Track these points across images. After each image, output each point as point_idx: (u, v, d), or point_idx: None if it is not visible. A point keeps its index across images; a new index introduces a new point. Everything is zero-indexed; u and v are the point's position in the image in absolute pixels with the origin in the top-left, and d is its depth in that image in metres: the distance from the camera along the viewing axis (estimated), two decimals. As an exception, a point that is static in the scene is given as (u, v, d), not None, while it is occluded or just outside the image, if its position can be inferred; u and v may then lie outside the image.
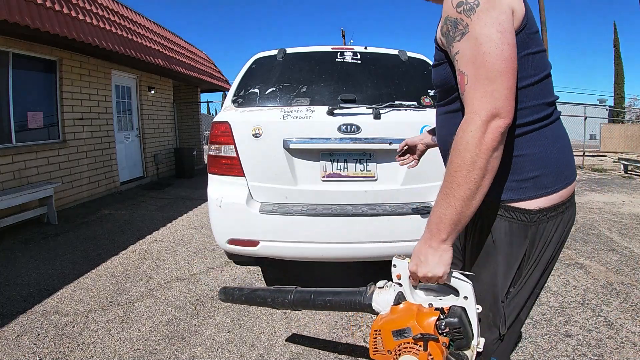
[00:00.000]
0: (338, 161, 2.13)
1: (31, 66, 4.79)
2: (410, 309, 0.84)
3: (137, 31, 6.61)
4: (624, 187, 6.82)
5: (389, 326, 0.84)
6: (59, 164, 5.05)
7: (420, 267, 0.83)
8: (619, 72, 22.43)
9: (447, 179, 0.80)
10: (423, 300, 0.87)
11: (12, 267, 3.03)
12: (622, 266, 2.97)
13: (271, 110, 2.17)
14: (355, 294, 0.99)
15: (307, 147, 2.09)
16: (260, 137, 2.08)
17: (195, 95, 10.34)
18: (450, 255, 0.83)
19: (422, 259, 0.83)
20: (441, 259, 0.82)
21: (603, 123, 13.93)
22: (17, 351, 1.91)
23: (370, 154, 2.13)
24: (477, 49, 0.78)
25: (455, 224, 0.80)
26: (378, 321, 0.88)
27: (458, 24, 0.81)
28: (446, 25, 0.84)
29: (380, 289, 0.93)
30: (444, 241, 0.82)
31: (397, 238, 2.05)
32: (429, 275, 0.82)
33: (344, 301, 1.01)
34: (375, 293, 0.93)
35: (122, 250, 3.45)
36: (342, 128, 2.06)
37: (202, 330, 2.12)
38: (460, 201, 0.78)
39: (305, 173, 2.13)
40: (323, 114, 2.10)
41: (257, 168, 2.11)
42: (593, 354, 1.85)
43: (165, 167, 8.19)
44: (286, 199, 2.13)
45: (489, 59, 0.77)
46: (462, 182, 0.77)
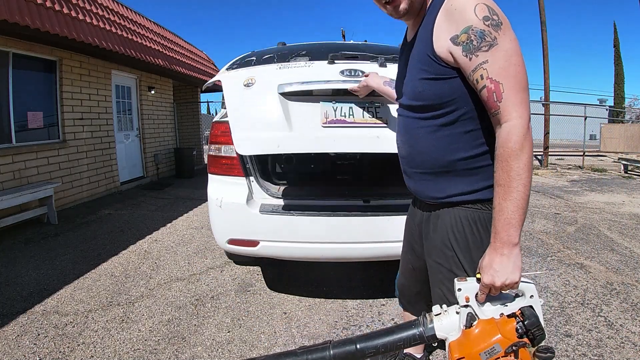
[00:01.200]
0: (342, 109, 1.85)
1: (31, 66, 4.79)
2: (490, 325, 0.83)
3: (137, 31, 6.61)
4: (624, 187, 6.82)
5: (473, 349, 0.82)
6: (59, 164, 5.05)
7: (497, 277, 0.85)
8: (619, 72, 22.42)
9: (510, 183, 0.85)
10: (493, 312, 0.86)
11: (12, 267, 3.03)
12: (622, 266, 2.97)
13: (266, 65, 2.05)
14: (411, 328, 0.90)
15: (305, 89, 1.84)
16: (252, 86, 1.85)
17: (195, 95, 10.33)
18: (521, 257, 0.88)
19: (497, 269, 0.86)
20: (515, 263, 0.86)
21: (603, 123, 13.94)
22: (17, 351, 1.91)
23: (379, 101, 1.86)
24: (509, 60, 0.86)
25: (522, 223, 0.86)
26: (456, 350, 0.84)
27: (486, 36, 0.87)
28: (468, 35, 0.88)
29: (439, 316, 0.90)
30: (515, 245, 0.86)
31: (397, 238, 2.05)
32: (507, 282, 0.85)
33: (401, 340, 0.90)
34: (435, 321, 0.89)
35: (122, 250, 3.45)
36: (346, 72, 1.86)
37: (202, 330, 2.12)
38: (525, 201, 0.85)
39: (303, 119, 1.83)
40: (323, 64, 1.94)
41: (246, 116, 1.84)
42: (593, 354, 1.84)
43: (165, 167, 8.19)
44: (278, 148, 1.77)
45: (520, 70, 0.87)
46: (526, 183, 0.85)
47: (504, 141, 0.86)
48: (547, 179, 7.91)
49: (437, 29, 0.94)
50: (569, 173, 8.93)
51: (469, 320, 0.85)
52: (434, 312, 0.91)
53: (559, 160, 11.64)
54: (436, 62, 0.95)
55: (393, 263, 2.92)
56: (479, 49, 0.87)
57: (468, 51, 0.88)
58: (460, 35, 0.89)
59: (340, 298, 2.46)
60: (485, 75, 0.87)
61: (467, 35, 0.88)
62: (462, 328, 0.85)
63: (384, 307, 2.34)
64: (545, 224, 4.26)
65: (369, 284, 2.66)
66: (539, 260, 3.13)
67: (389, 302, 2.40)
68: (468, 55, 0.88)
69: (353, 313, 2.28)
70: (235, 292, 2.59)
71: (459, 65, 0.91)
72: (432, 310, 0.92)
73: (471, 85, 0.92)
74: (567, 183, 7.38)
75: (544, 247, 3.47)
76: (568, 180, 7.71)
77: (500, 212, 0.86)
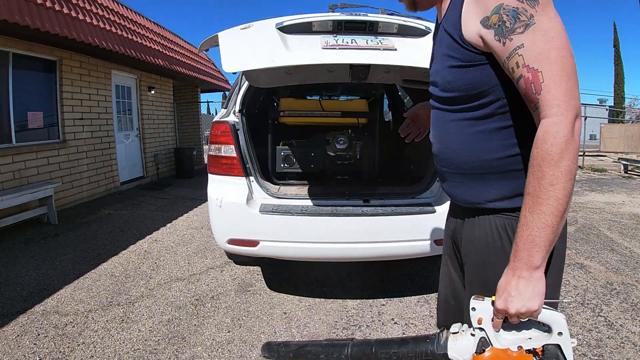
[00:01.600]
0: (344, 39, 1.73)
1: (31, 66, 4.79)
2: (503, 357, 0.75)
3: (137, 31, 6.61)
4: (624, 187, 6.82)
5: None
6: (59, 164, 5.05)
7: (512, 303, 0.73)
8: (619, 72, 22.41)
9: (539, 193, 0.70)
10: (510, 342, 0.76)
11: (12, 267, 3.03)
12: (622, 266, 2.97)
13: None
14: (425, 343, 0.86)
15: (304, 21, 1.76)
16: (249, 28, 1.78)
17: (195, 95, 10.33)
18: (544, 284, 0.73)
19: (513, 294, 0.73)
20: (535, 289, 0.72)
21: (603, 123, 13.94)
22: (17, 351, 1.91)
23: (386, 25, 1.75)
24: (550, 43, 0.71)
25: (551, 244, 0.71)
26: None
27: (520, 14, 0.72)
28: (499, 15, 0.74)
29: (455, 335, 0.82)
30: (538, 268, 0.72)
31: (397, 238, 2.06)
32: (523, 310, 0.72)
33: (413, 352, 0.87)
34: (450, 340, 0.82)
35: (122, 250, 3.45)
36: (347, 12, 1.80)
37: (202, 330, 2.12)
38: (558, 218, 0.69)
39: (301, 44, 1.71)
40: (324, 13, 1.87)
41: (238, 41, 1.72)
42: (593, 354, 1.84)
43: (165, 167, 8.19)
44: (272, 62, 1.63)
45: (565, 54, 0.70)
46: (561, 196, 0.68)
47: (539, 142, 0.70)
48: (547, 179, 7.90)
49: (466, 12, 0.81)
50: (569, 173, 8.92)
51: (480, 345, 0.78)
52: (452, 330, 0.84)
53: (559, 160, 11.61)
54: (464, 47, 0.81)
55: (393, 263, 2.93)
56: (513, 31, 0.72)
57: (501, 34, 0.74)
58: (490, 16, 0.75)
59: (340, 298, 2.46)
60: (521, 63, 0.72)
61: (498, 16, 0.74)
62: (474, 353, 0.77)
63: (384, 307, 2.34)
64: (545, 224, 4.26)
65: (369, 284, 2.66)
66: (539, 260, 3.13)
67: (389, 302, 2.40)
68: (501, 39, 0.74)
69: (353, 313, 2.28)
70: (235, 292, 2.59)
71: (493, 51, 0.77)
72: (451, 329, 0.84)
73: (508, 74, 0.77)
74: (567, 183, 7.37)
75: (544, 247, 3.47)
76: (568, 180, 7.70)
77: (525, 226, 0.72)
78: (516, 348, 0.74)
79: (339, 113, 2.51)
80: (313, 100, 2.57)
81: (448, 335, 0.83)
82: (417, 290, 2.56)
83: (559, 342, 0.71)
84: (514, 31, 0.72)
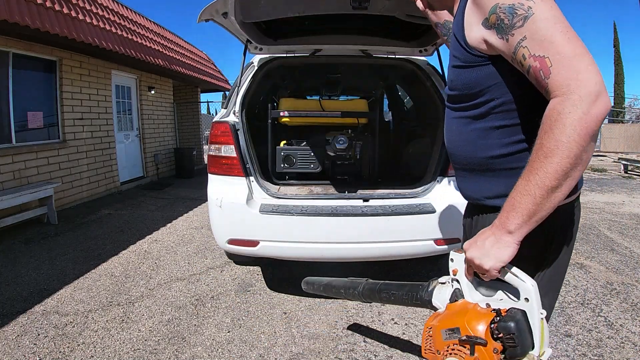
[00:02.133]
0: None
1: (31, 66, 4.79)
2: (464, 308, 0.78)
3: (137, 31, 6.61)
4: (624, 187, 6.82)
5: (440, 325, 0.79)
6: (59, 164, 5.04)
7: (476, 254, 0.76)
8: (619, 72, 22.39)
9: (533, 163, 0.70)
10: (481, 299, 0.80)
11: (12, 267, 3.03)
12: (622, 266, 2.97)
13: None
14: (418, 289, 0.97)
15: None
16: None
17: (195, 95, 10.33)
18: (511, 253, 0.74)
19: (478, 244, 0.77)
20: (497, 251, 0.74)
21: (603, 123, 13.92)
22: (17, 351, 1.91)
23: None
24: (553, 27, 0.70)
25: (529, 216, 0.71)
26: (432, 319, 0.83)
27: (517, 9, 0.72)
28: (496, 15, 0.75)
29: (442, 285, 0.89)
30: (510, 233, 0.73)
31: (397, 238, 2.06)
32: (476, 262, 0.76)
33: (407, 295, 1.00)
34: (436, 289, 0.90)
35: (122, 250, 3.45)
36: None
37: (202, 330, 2.12)
38: (542, 190, 0.68)
39: None
40: None
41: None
42: (593, 354, 1.84)
43: (165, 167, 8.19)
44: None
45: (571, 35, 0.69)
46: (550, 170, 0.67)
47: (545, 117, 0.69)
48: (547, 179, 7.90)
49: (467, 16, 0.83)
50: (569, 173, 8.92)
51: (453, 296, 0.83)
52: (440, 280, 0.91)
53: (559, 160, 11.62)
54: (467, 50, 0.84)
55: (393, 263, 2.93)
56: (513, 27, 0.73)
57: (502, 32, 0.75)
58: (489, 17, 0.77)
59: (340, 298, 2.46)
60: (527, 54, 0.71)
61: (496, 16, 0.75)
62: (447, 302, 0.84)
63: (384, 307, 2.34)
64: (545, 224, 4.26)
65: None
66: (539, 260, 3.13)
67: (389, 302, 2.40)
68: (504, 36, 0.75)
69: (353, 313, 2.28)
70: (235, 292, 2.59)
71: (500, 51, 0.77)
72: (439, 279, 0.92)
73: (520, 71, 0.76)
74: (567, 183, 7.37)
75: (544, 247, 3.47)
76: (568, 180, 7.70)
77: (513, 190, 0.73)
78: (484, 305, 0.77)
79: (339, 113, 2.51)
80: (313, 100, 2.57)
81: (436, 284, 0.92)
82: (417, 290, 2.56)
83: (524, 307, 0.72)
84: (514, 26, 0.72)
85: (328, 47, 2.43)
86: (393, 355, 1.87)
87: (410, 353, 1.89)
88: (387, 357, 1.86)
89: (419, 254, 2.13)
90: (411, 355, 1.88)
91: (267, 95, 3.26)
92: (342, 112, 2.50)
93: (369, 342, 1.99)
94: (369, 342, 1.99)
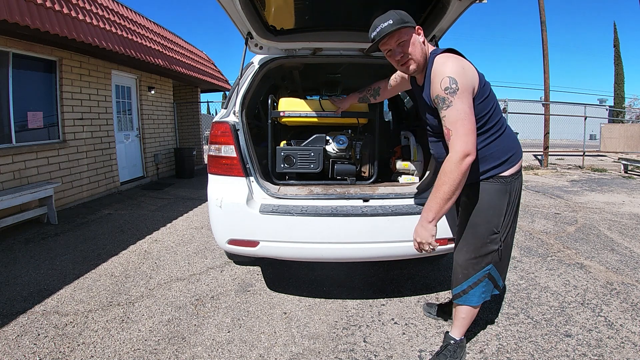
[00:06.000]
0: None
1: (31, 66, 4.78)
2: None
3: (137, 31, 6.61)
4: (624, 187, 6.82)
5: None
6: (59, 164, 5.05)
7: (417, 238, 1.58)
8: (619, 72, 22.40)
9: (437, 188, 1.50)
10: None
11: (12, 267, 3.03)
12: (622, 266, 2.97)
13: None
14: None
15: None
16: None
17: (195, 95, 10.33)
18: (435, 230, 1.55)
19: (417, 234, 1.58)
20: (429, 231, 1.54)
21: (603, 123, 13.93)
22: (17, 351, 1.91)
23: None
24: (457, 115, 1.46)
25: (437, 212, 1.52)
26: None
27: (445, 100, 1.48)
28: (437, 100, 1.51)
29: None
30: (430, 222, 1.54)
31: (397, 238, 2.05)
32: (423, 242, 1.56)
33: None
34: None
35: (122, 250, 3.45)
36: None
37: (202, 330, 2.12)
38: (443, 201, 1.49)
39: None
40: None
41: None
42: (593, 354, 1.85)
43: (165, 167, 8.19)
44: None
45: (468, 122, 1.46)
46: (446, 191, 1.48)
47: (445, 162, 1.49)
48: (547, 179, 7.91)
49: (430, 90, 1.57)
50: (569, 173, 8.93)
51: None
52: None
53: (559, 160, 11.64)
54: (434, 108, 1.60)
55: (393, 263, 2.93)
56: (442, 109, 1.50)
57: (439, 108, 1.52)
58: (434, 99, 1.54)
59: (340, 298, 2.46)
60: (445, 124, 1.50)
61: (437, 100, 1.51)
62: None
63: (384, 307, 2.34)
64: (545, 224, 4.26)
65: (369, 284, 2.66)
66: (539, 260, 3.13)
67: (389, 302, 2.40)
68: (439, 110, 1.52)
69: (353, 313, 2.28)
70: (235, 292, 2.59)
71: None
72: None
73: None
74: (567, 183, 7.38)
75: (544, 247, 3.47)
76: (568, 180, 7.71)
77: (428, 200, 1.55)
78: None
79: (338, 113, 2.51)
80: (313, 101, 2.57)
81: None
82: (417, 290, 2.56)
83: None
84: (443, 108, 1.50)
85: (328, 45, 2.43)
86: (393, 355, 1.87)
87: (410, 353, 1.89)
88: (387, 357, 1.86)
89: (420, 254, 2.12)
90: (411, 355, 1.88)
91: (267, 95, 3.26)
92: (342, 112, 2.50)
93: (369, 342, 1.99)
94: (369, 342, 1.99)
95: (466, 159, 1.42)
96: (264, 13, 2.24)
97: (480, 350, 1.90)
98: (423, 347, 1.93)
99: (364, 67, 3.18)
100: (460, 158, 1.42)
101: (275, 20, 2.35)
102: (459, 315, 1.76)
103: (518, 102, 10.51)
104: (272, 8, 2.26)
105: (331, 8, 2.33)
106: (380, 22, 1.57)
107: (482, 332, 2.06)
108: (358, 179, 2.63)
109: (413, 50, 1.59)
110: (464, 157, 1.42)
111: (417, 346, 1.94)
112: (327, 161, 2.59)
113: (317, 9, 2.35)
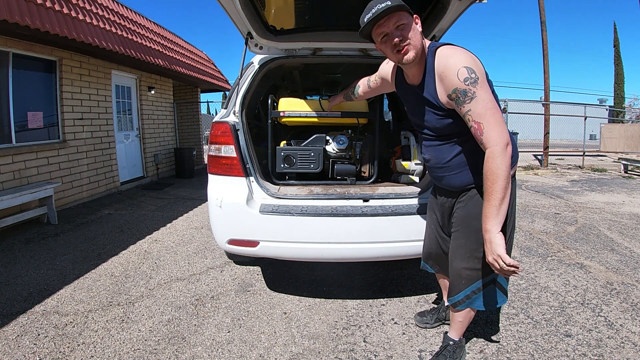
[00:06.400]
0: None
1: (31, 66, 4.78)
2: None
3: (137, 31, 6.61)
4: (624, 187, 6.82)
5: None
6: (59, 164, 5.04)
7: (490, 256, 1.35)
8: (619, 72, 22.40)
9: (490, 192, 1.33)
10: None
11: (12, 267, 3.03)
12: (622, 266, 2.97)
13: None
14: None
15: None
16: None
17: (195, 95, 10.33)
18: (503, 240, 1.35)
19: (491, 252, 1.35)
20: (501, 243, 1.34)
21: (603, 123, 13.93)
22: (17, 351, 1.91)
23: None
24: (485, 105, 1.33)
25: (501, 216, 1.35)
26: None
27: (467, 92, 1.34)
28: (455, 94, 1.36)
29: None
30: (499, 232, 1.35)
31: (397, 238, 2.06)
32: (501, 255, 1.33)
33: None
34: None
35: (122, 250, 3.45)
36: None
37: (202, 330, 2.12)
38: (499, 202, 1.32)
39: None
40: None
41: None
42: (593, 354, 1.85)
43: (165, 167, 8.19)
44: None
45: (496, 111, 1.34)
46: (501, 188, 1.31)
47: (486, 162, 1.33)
48: (547, 179, 7.91)
49: (438, 87, 1.44)
50: (569, 173, 8.93)
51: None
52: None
53: (559, 160, 11.63)
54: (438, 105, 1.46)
55: (393, 263, 2.93)
56: (464, 102, 1.35)
57: (458, 104, 1.37)
58: (451, 94, 1.38)
59: (340, 298, 2.46)
60: (470, 119, 1.35)
61: (455, 94, 1.37)
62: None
63: (384, 307, 2.34)
64: (545, 224, 4.26)
65: (369, 284, 2.66)
66: (539, 260, 3.13)
67: (389, 302, 2.40)
68: (459, 106, 1.37)
69: (353, 313, 2.28)
70: (235, 292, 2.59)
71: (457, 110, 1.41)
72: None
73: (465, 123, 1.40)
74: (567, 183, 7.38)
75: (544, 247, 3.47)
76: (568, 180, 7.71)
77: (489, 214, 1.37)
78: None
79: (339, 113, 2.51)
80: (313, 100, 2.57)
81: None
82: (417, 290, 2.56)
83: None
84: (465, 102, 1.35)
85: (328, 45, 2.43)
86: (393, 356, 1.87)
87: (410, 353, 1.89)
88: (387, 357, 1.86)
89: (420, 254, 2.12)
90: (411, 355, 1.88)
91: (267, 95, 3.26)
92: (342, 112, 2.50)
93: (369, 342, 1.99)
94: (369, 342, 1.99)
95: (508, 148, 1.30)
96: (264, 13, 2.24)
97: (480, 350, 1.90)
98: (423, 347, 1.93)
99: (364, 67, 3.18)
100: (503, 149, 1.29)
101: (275, 20, 2.35)
102: (457, 318, 1.74)
103: (518, 102, 10.53)
104: (272, 8, 2.26)
105: (331, 8, 2.32)
106: (377, 3, 1.39)
107: (482, 332, 2.06)
108: (358, 179, 2.63)
109: (413, 36, 1.42)
110: (506, 147, 1.29)
111: (417, 346, 1.94)
112: (327, 161, 2.59)
113: (317, 9, 2.35)
